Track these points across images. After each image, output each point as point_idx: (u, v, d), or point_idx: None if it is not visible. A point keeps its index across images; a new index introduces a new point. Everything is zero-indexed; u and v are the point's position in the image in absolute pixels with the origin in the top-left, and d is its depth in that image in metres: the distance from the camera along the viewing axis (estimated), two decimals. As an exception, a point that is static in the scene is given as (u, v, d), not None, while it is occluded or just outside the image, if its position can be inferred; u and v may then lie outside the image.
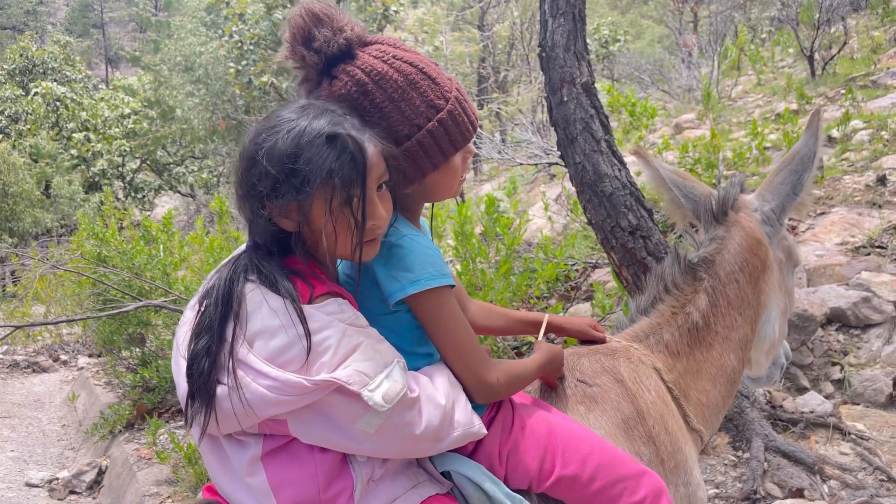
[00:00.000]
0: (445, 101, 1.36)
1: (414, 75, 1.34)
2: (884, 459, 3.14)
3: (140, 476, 4.63)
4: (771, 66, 12.73)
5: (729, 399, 1.83)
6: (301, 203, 1.22)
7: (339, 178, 1.20)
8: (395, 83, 1.33)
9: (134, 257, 5.63)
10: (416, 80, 1.34)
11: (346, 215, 1.23)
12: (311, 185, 1.20)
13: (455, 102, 1.38)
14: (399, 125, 1.34)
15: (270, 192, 1.22)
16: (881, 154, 6.02)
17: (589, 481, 1.38)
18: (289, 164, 1.20)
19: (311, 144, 1.21)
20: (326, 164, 1.20)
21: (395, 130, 1.33)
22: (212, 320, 1.20)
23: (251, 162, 1.25)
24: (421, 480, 1.33)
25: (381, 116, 1.33)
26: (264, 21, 12.16)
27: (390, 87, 1.33)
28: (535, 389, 1.62)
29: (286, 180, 1.21)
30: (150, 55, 19.49)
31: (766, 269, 1.85)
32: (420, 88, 1.34)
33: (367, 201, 1.24)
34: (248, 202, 1.26)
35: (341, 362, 1.18)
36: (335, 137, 1.22)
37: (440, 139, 1.36)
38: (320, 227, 1.24)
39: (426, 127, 1.34)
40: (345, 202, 1.22)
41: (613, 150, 3.16)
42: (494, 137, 11.23)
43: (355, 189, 1.22)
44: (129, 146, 19.05)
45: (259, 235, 1.28)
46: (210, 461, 1.27)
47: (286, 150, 1.21)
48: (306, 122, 1.23)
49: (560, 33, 3.13)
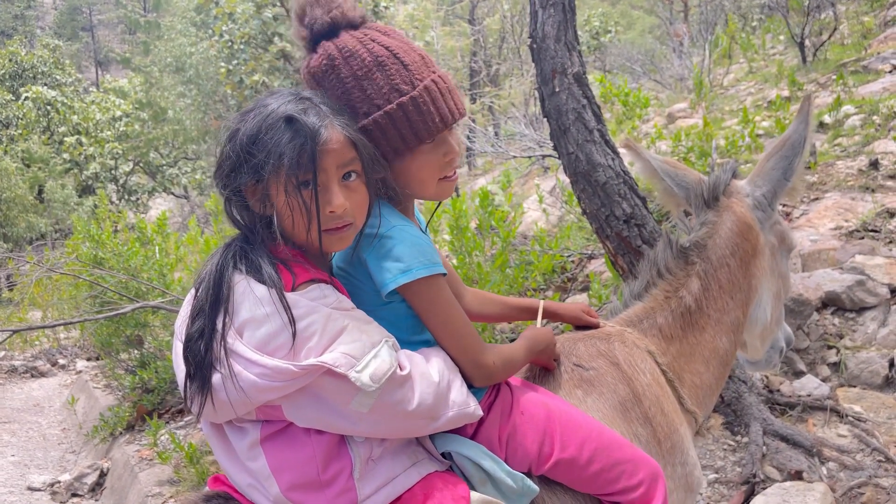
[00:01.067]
0: (412, 87, 1.36)
1: (384, 57, 1.36)
2: (881, 440, 3.16)
3: (142, 477, 4.64)
4: (762, 53, 12.74)
5: (722, 380, 1.85)
6: (260, 185, 1.26)
7: (288, 161, 1.22)
8: (362, 61, 1.35)
9: (130, 259, 5.63)
10: (385, 62, 1.36)
11: (299, 201, 1.24)
12: (265, 167, 1.23)
13: (423, 91, 1.37)
14: (359, 102, 1.36)
15: (231, 172, 1.27)
16: (873, 138, 6.04)
17: (587, 464, 1.40)
18: (249, 144, 1.25)
19: (271, 127, 1.24)
20: (279, 147, 1.23)
21: (355, 107, 1.36)
22: (204, 304, 1.23)
23: (224, 143, 1.31)
24: (420, 458, 1.35)
25: (343, 92, 1.36)
26: (254, 20, 12.13)
27: (356, 65, 1.36)
28: (533, 375, 1.64)
29: (245, 162, 1.25)
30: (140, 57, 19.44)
31: (758, 254, 1.86)
32: (387, 70, 1.36)
33: (320, 187, 1.26)
34: (216, 182, 1.31)
35: (328, 346, 1.20)
36: (292, 121, 1.25)
37: (399, 124, 1.36)
38: (280, 210, 1.27)
39: (384, 108, 1.35)
40: (297, 187, 1.24)
41: (606, 139, 3.17)
42: (488, 131, 11.23)
43: (306, 173, 1.24)
44: (121, 149, 18.99)
45: (232, 218, 1.32)
46: (215, 446, 1.30)
47: (250, 131, 1.25)
48: (274, 107, 1.27)
49: (550, 24, 3.13)
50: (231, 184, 1.27)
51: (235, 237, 1.33)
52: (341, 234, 1.31)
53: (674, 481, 1.58)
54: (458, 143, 1.46)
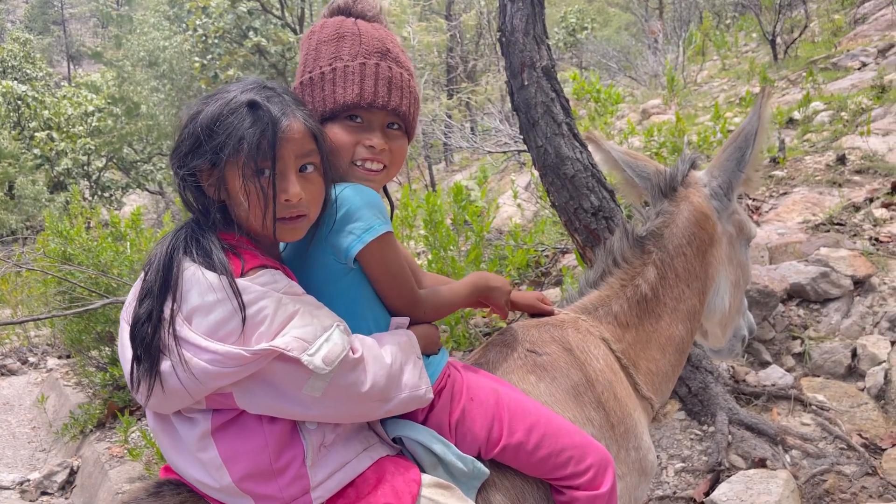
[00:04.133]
0: (352, 60, 1.48)
1: (348, 33, 1.50)
2: (843, 429, 3.22)
3: (112, 474, 4.60)
4: (735, 50, 12.89)
5: (678, 367, 1.88)
6: (216, 168, 1.26)
7: (248, 146, 1.23)
8: (331, 31, 1.51)
9: (100, 255, 5.56)
10: (346, 35, 1.50)
11: (256, 187, 1.25)
12: (224, 150, 1.24)
13: (360, 66, 1.47)
14: (311, 63, 1.52)
15: (188, 153, 1.28)
16: (841, 134, 6.14)
17: (534, 449, 1.42)
18: (209, 127, 1.26)
19: (233, 111, 1.26)
20: (239, 131, 1.24)
21: (308, 67, 1.52)
22: (152, 286, 1.22)
23: (184, 125, 1.31)
24: (372, 444, 1.35)
25: (307, 53, 1.53)
26: (229, 14, 12.03)
27: (325, 33, 1.52)
28: (487, 361, 1.66)
29: (203, 143, 1.26)
30: (112, 51, 19.15)
31: (714, 243, 1.89)
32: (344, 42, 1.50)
33: (278, 175, 1.27)
34: (171, 163, 1.31)
35: (279, 331, 1.20)
36: (254, 107, 1.26)
37: (326, 86, 1.48)
38: (235, 196, 1.27)
39: (322, 69, 1.49)
40: (255, 172, 1.25)
41: (574, 132, 3.19)
42: (464, 127, 11.24)
43: (265, 160, 1.25)
44: (94, 144, 18.71)
45: (186, 202, 1.32)
46: (162, 440, 1.28)
47: (210, 115, 1.26)
48: (235, 94, 1.28)
49: (519, 17, 3.14)
50: (188, 164, 1.28)
51: (186, 222, 1.32)
52: (294, 224, 1.32)
53: (627, 465, 1.61)
54: (396, 148, 1.51)
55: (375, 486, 1.29)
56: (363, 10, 1.54)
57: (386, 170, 1.51)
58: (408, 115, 1.52)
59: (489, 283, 1.63)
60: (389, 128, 1.50)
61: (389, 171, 1.52)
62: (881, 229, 4.39)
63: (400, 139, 1.52)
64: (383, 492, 1.28)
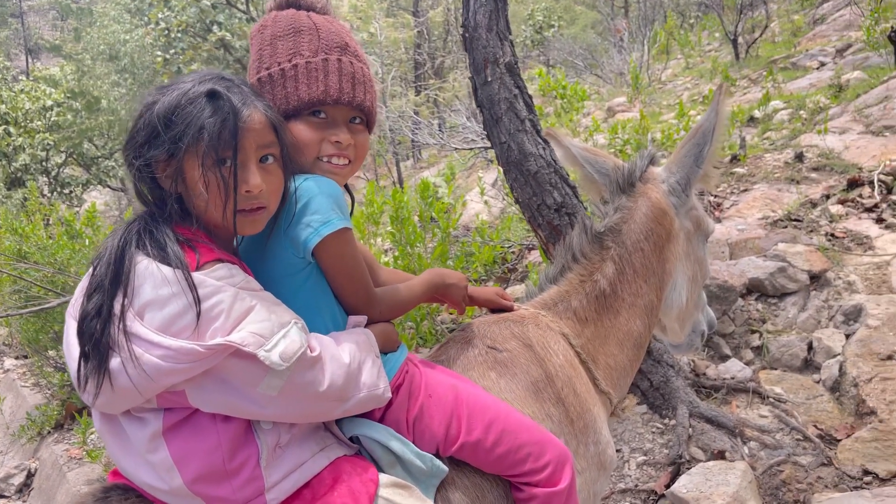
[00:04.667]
0: (313, 55, 1.46)
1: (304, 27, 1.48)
2: (800, 420, 3.29)
3: (71, 476, 4.50)
4: (698, 49, 13.10)
5: (636, 362, 1.89)
6: (174, 157, 1.23)
7: (208, 136, 1.21)
8: (285, 25, 1.48)
9: (56, 252, 5.43)
10: (303, 30, 1.48)
11: (217, 177, 1.23)
12: (183, 140, 1.21)
13: (321, 62, 1.45)
14: (267, 59, 1.48)
15: (144, 143, 1.24)
16: (799, 132, 6.28)
17: (493, 446, 1.42)
18: (166, 117, 1.22)
19: (191, 102, 1.23)
20: (199, 120, 1.21)
21: (263, 63, 1.49)
22: (102, 279, 1.18)
23: (137, 117, 1.28)
24: (328, 444, 1.33)
25: (261, 48, 1.50)
26: (192, 7, 11.83)
27: (279, 27, 1.49)
28: (447, 358, 1.65)
29: (161, 133, 1.22)
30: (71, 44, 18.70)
31: (672, 238, 1.91)
32: (301, 36, 1.47)
33: (239, 165, 1.24)
34: (125, 155, 1.28)
35: (235, 326, 1.17)
36: (214, 96, 1.24)
37: (288, 83, 1.45)
38: (193, 188, 1.25)
39: (282, 65, 1.46)
40: (215, 162, 1.22)
41: (537, 128, 3.20)
42: (432, 124, 11.23)
43: (226, 150, 1.23)
44: (53, 140, 18.26)
45: (140, 195, 1.29)
46: (109, 442, 1.24)
47: (168, 104, 1.23)
48: (192, 84, 1.26)
49: (482, 13, 3.14)
50: (144, 155, 1.24)
51: (140, 214, 1.29)
52: (255, 216, 1.29)
53: (586, 460, 1.61)
54: (360, 143, 1.51)
55: (332, 486, 1.26)
56: (313, 3, 1.52)
57: (351, 164, 1.50)
58: (370, 110, 1.53)
59: (445, 280, 1.63)
60: (352, 122, 1.50)
61: (354, 166, 1.52)
62: (836, 225, 4.49)
63: (363, 133, 1.52)
64: (340, 493, 1.26)
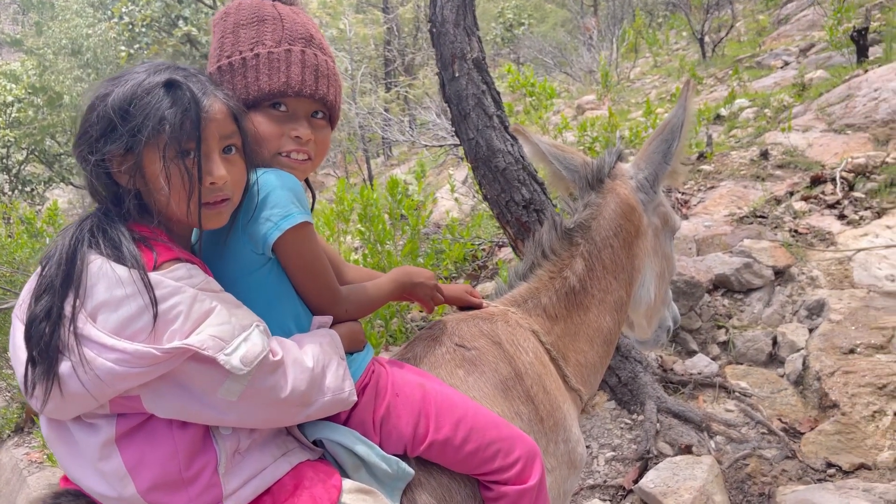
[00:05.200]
0: (276, 45, 1.42)
1: (268, 17, 1.44)
2: (765, 414, 3.34)
3: (31, 481, 4.39)
4: (666, 48, 13.23)
5: (606, 359, 1.89)
6: (132, 151, 1.18)
7: (170, 127, 1.16)
8: (248, 14, 1.44)
9: (16, 251, 5.29)
10: (266, 19, 1.44)
11: (180, 169, 1.18)
12: (142, 132, 1.16)
13: (284, 52, 1.41)
14: (229, 47, 1.44)
15: (100, 137, 1.18)
16: (764, 130, 6.37)
17: (462, 444, 1.40)
18: (122, 109, 1.17)
19: (148, 92, 1.18)
20: (159, 111, 1.16)
21: (224, 51, 1.44)
22: (53, 280, 1.13)
23: (89, 109, 1.21)
24: (290, 448, 1.29)
25: (223, 36, 1.45)
26: (156, 1, 11.61)
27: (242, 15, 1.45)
28: (414, 356, 1.63)
29: (118, 126, 1.17)
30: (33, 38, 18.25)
31: (640, 235, 1.91)
32: (264, 26, 1.43)
33: (203, 156, 1.20)
34: (78, 150, 1.21)
35: (194, 328, 1.13)
36: (172, 86, 1.19)
37: (249, 72, 1.41)
38: (154, 182, 1.19)
39: (244, 54, 1.42)
40: (178, 154, 1.18)
41: (506, 125, 3.19)
42: (402, 121, 11.18)
43: (189, 141, 1.19)
44: (13, 136, 17.82)
45: (93, 191, 1.23)
46: (57, 449, 1.18)
47: (123, 96, 1.18)
48: (147, 75, 1.21)
49: (449, 8, 3.12)
50: (100, 149, 1.18)
51: (93, 212, 1.23)
52: (219, 208, 1.25)
53: (556, 458, 1.60)
54: (321, 139, 1.47)
55: (293, 492, 1.23)
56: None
57: (311, 160, 1.46)
58: (334, 105, 1.48)
59: (413, 279, 1.60)
60: (314, 116, 1.45)
61: (314, 162, 1.48)
62: (800, 221, 4.56)
63: (325, 129, 1.48)
64: (301, 499, 1.22)
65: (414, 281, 1.60)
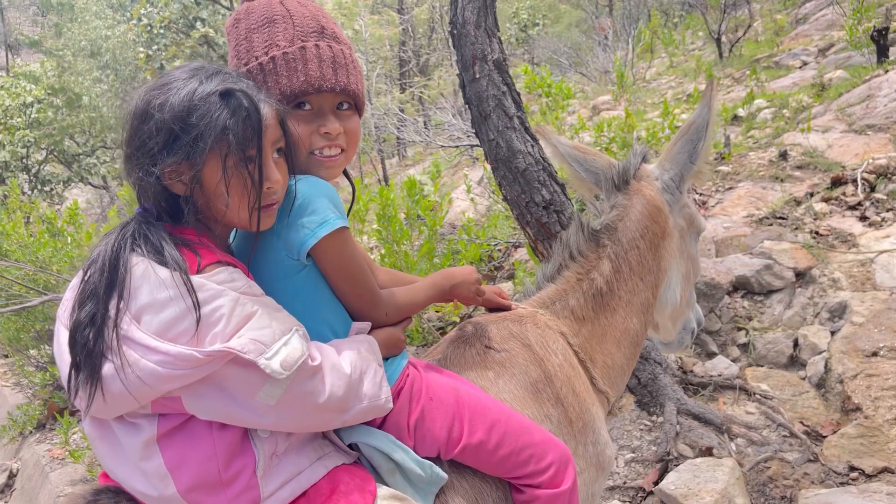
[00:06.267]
0: (289, 45, 1.40)
1: (278, 16, 1.42)
2: (786, 416, 3.32)
3: (53, 477, 4.44)
4: (682, 48, 13.16)
5: (633, 361, 1.89)
6: (194, 162, 1.18)
7: (233, 136, 1.17)
8: (258, 17, 1.42)
9: (38, 251, 5.35)
10: (277, 19, 1.42)
11: (242, 176, 1.20)
12: (204, 142, 1.16)
13: (298, 50, 1.40)
14: (244, 54, 1.43)
15: (162, 150, 1.18)
16: (783, 131, 6.33)
17: (495, 448, 1.40)
18: (182, 119, 1.17)
19: (205, 101, 1.18)
20: (221, 120, 1.17)
21: (241, 59, 1.43)
22: (96, 287, 1.14)
23: (141, 119, 1.20)
24: (327, 452, 1.30)
25: (237, 44, 1.44)
26: (175, 3, 11.70)
27: (252, 20, 1.43)
28: (445, 358, 1.63)
29: (178, 137, 1.17)
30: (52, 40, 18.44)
31: (666, 236, 1.91)
32: (275, 27, 1.42)
33: (264, 162, 1.22)
34: (138, 161, 1.21)
35: (235, 332, 1.14)
36: (229, 94, 1.20)
37: (269, 77, 1.40)
38: (212, 189, 1.21)
39: (259, 60, 1.40)
40: (240, 162, 1.19)
41: (526, 126, 3.19)
42: (417, 122, 11.20)
43: (251, 148, 1.20)
44: (33, 136, 18.02)
45: (148, 198, 1.24)
46: (99, 447, 1.20)
47: (179, 105, 1.18)
48: (198, 81, 1.21)
49: (470, 10, 3.13)
50: (162, 161, 1.18)
51: (134, 216, 1.25)
52: (270, 211, 1.28)
53: (585, 461, 1.60)
54: (350, 129, 1.45)
55: (329, 496, 1.24)
56: None
57: (344, 153, 1.46)
58: (357, 93, 1.46)
59: (452, 281, 1.59)
60: (340, 108, 1.44)
61: (348, 154, 1.47)
62: (821, 223, 4.53)
63: (352, 118, 1.47)
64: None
65: (454, 283, 1.59)
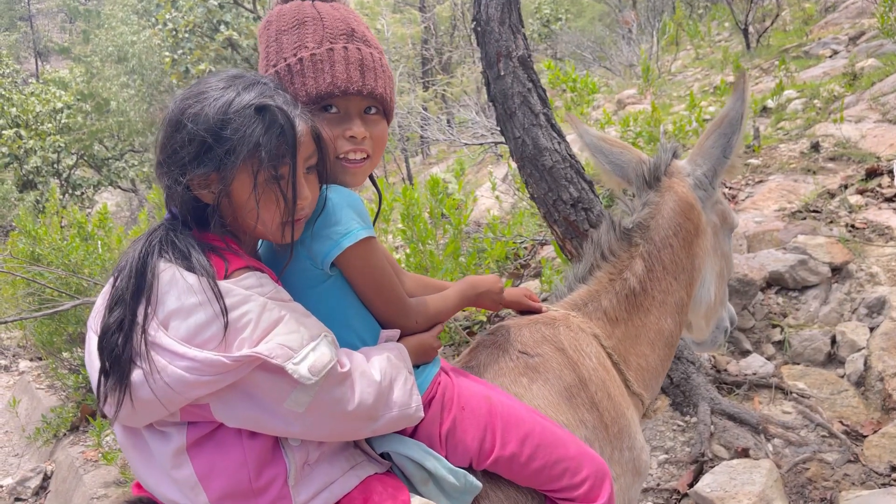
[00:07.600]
0: (318, 47, 1.40)
1: (308, 18, 1.41)
2: (824, 416, 3.23)
3: (87, 479, 4.50)
4: (708, 40, 12.96)
5: (667, 362, 1.84)
6: (223, 174, 1.17)
7: (266, 152, 1.16)
8: (288, 19, 1.41)
9: (70, 254, 5.43)
10: (307, 21, 1.41)
11: (274, 192, 1.18)
12: (236, 156, 1.15)
13: (326, 52, 1.38)
14: (274, 56, 1.42)
15: (192, 160, 1.18)
16: (814, 122, 6.19)
17: (528, 461, 1.37)
18: (215, 131, 1.16)
19: (240, 114, 1.17)
20: (254, 136, 1.16)
21: (270, 60, 1.42)
22: (124, 293, 1.14)
23: (175, 127, 1.20)
24: (359, 461, 1.28)
25: (268, 45, 1.43)
26: (199, 7, 11.81)
27: (283, 22, 1.42)
28: (478, 364, 1.60)
29: (210, 149, 1.16)
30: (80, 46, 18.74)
31: (700, 233, 1.86)
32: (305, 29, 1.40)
33: (297, 179, 1.20)
34: (168, 169, 1.21)
35: (263, 337, 1.12)
36: (264, 109, 1.18)
37: (296, 79, 1.39)
38: (242, 203, 1.20)
39: (287, 61, 1.39)
40: (272, 178, 1.18)
41: (552, 123, 3.15)
42: (440, 119, 11.18)
43: (284, 166, 1.18)
44: (63, 142, 18.34)
45: (176, 205, 1.23)
46: (131, 456, 1.19)
47: (213, 117, 1.17)
48: (234, 92, 1.20)
49: (494, 6, 3.09)
50: (193, 171, 1.17)
51: (160, 223, 1.25)
52: (299, 225, 1.27)
53: (621, 466, 1.57)
54: (377, 134, 1.43)
55: None
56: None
57: (370, 158, 1.44)
58: (385, 97, 1.43)
59: (477, 290, 1.58)
60: (367, 113, 1.42)
61: (373, 159, 1.45)
62: (856, 216, 4.41)
63: (379, 123, 1.45)
64: None
65: (478, 292, 1.59)
